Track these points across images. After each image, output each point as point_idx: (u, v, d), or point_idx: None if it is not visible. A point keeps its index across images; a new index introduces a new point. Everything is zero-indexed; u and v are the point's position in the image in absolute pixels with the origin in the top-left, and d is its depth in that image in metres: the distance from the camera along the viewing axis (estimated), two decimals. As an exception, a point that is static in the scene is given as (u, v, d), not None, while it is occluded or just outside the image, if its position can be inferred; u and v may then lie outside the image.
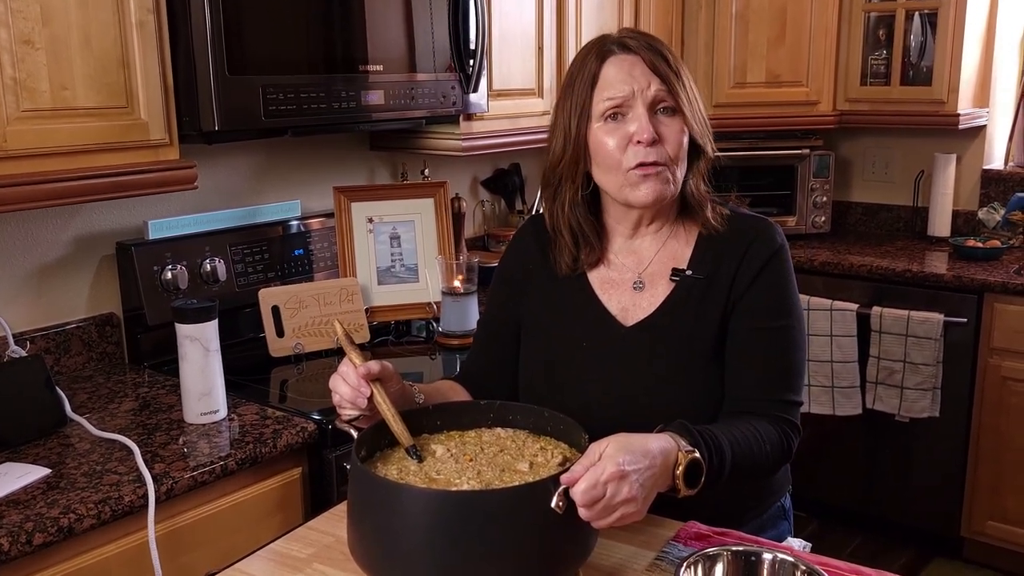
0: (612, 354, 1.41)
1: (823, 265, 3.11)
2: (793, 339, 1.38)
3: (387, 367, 1.26)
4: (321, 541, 1.28)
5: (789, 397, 1.37)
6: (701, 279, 1.39)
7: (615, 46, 1.38)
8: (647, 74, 1.35)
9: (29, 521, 1.35)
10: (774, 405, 1.35)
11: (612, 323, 1.42)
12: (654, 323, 1.40)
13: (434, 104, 2.22)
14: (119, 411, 1.80)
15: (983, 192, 3.40)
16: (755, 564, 1.11)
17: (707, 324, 1.38)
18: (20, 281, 1.96)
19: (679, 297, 1.40)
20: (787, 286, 1.40)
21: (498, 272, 1.58)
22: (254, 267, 2.26)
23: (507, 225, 3.09)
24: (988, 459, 2.91)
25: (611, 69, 1.36)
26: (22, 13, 1.53)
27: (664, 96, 1.35)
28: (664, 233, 1.45)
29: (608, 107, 1.35)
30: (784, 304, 1.39)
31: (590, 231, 1.44)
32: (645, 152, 1.33)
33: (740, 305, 1.38)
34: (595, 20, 2.81)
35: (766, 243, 1.39)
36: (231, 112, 1.80)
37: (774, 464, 1.35)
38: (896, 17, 3.21)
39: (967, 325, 2.86)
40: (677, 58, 1.39)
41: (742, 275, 1.38)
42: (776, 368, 1.37)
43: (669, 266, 1.43)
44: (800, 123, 3.36)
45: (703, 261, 1.41)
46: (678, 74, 1.37)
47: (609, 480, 1.05)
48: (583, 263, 1.45)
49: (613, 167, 1.36)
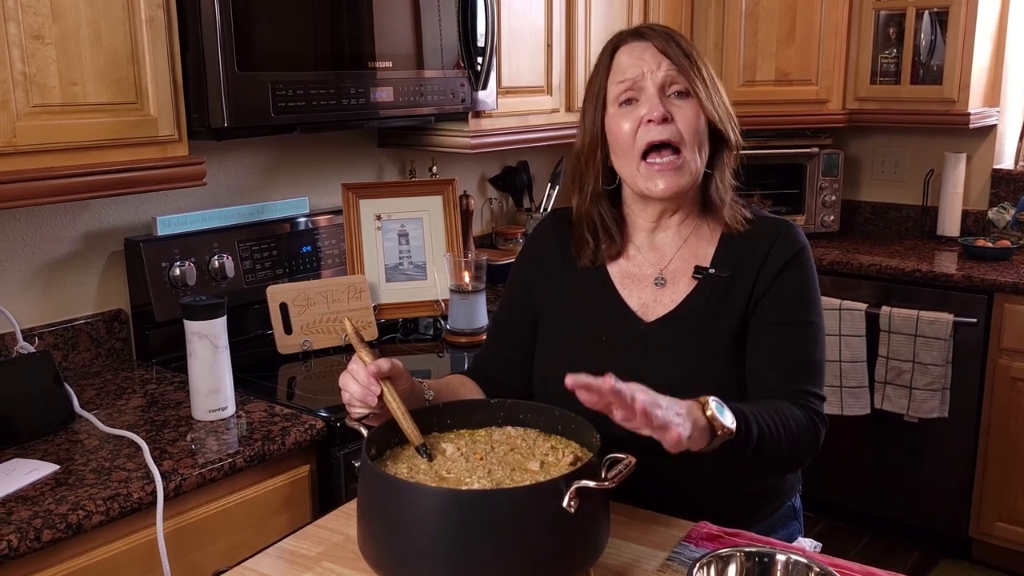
0: (632, 349, 1.40)
1: (832, 264, 3.10)
2: (815, 335, 1.38)
3: (397, 365, 1.25)
4: (330, 539, 1.27)
5: (812, 389, 1.36)
6: (724, 278, 1.39)
7: (629, 35, 1.41)
8: (657, 57, 1.36)
9: (38, 518, 1.35)
10: (798, 395, 1.33)
11: (632, 318, 1.41)
12: (675, 320, 1.40)
13: (443, 101, 2.21)
14: (127, 407, 1.80)
15: (993, 192, 3.39)
16: (768, 565, 1.10)
17: (729, 323, 1.38)
18: (29, 277, 1.96)
19: (701, 295, 1.40)
20: (809, 284, 1.41)
21: (517, 264, 1.58)
22: (262, 264, 2.25)
23: (515, 223, 3.08)
24: (997, 460, 2.90)
25: (623, 56, 1.39)
26: (32, 8, 1.53)
27: (675, 78, 1.36)
28: (686, 229, 1.45)
29: (620, 90, 1.37)
30: (805, 300, 1.39)
31: (611, 223, 1.45)
32: (656, 131, 1.34)
33: (763, 301, 1.38)
34: (604, 17, 2.80)
35: (788, 243, 1.40)
36: (240, 108, 1.80)
37: (803, 444, 1.30)
38: (906, 15, 3.19)
39: (977, 325, 2.85)
40: (692, 45, 1.40)
41: (764, 274, 1.38)
42: (798, 363, 1.36)
43: (691, 263, 1.42)
44: (809, 122, 3.35)
45: (726, 260, 1.41)
46: (691, 58, 1.37)
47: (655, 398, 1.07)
48: (603, 255, 1.45)
49: (627, 151, 1.37)
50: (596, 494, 1.07)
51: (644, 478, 1.18)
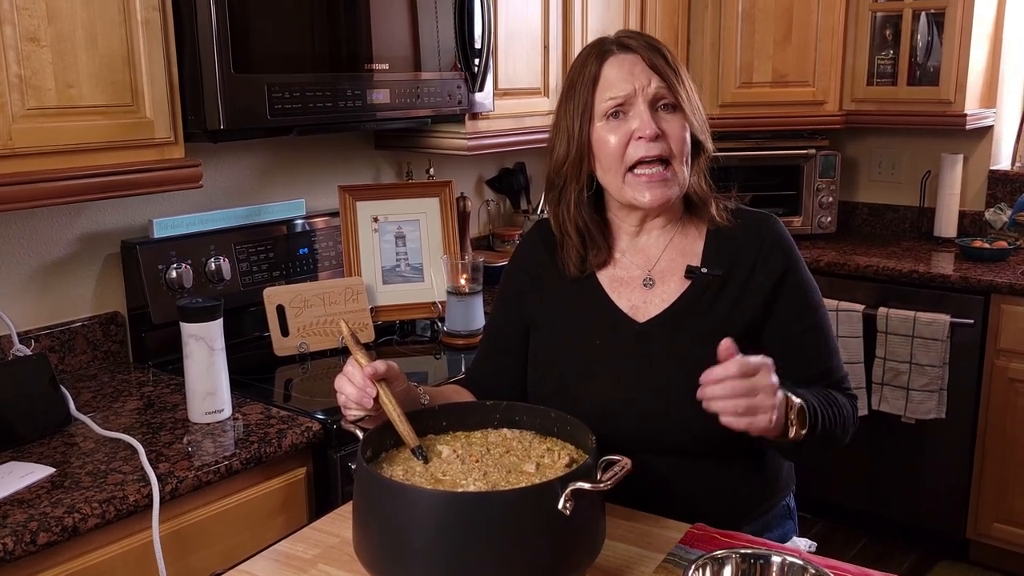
0: (626, 350, 1.40)
1: (829, 266, 3.10)
2: (826, 326, 1.44)
3: (393, 367, 1.25)
4: (326, 542, 1.27)
5: (841, 375, 1.45)
6: (718, 276, 1.40)
7: (614, 46, 1.40)
8: (647, 72, 1.37)
9: (33, 521, 1.35)
10: (834, 386, 1.42)
11: (624, 320, 1.42)
12: (669, 319, 1.40)
13: (439, 103, 2.21)
14: (124, 410, 1.80)
15: (990, 193, 3.39)
16: (764, 567, 1.10)
17: (724, 320, 1.38)
18: (25, 280, 1.96)
19: (695, 294, 1.40)
20: (808, 280, 1.44)
21: (505, 276, 1.58)
22: (259, 266, 2.25)
23: (512, 225, 3.08)
24: (994, 461, 2.90)
25: (611, 69, 1.38)
26: (28, 11, 1.53)
27: (664, 93, 1.37)
28: (670, 230, 1.46)
29: (610, 106, 1.37)
30: (811, 298, 1.43)
31: (596, 230, 1.45)
32: (647, 147, 1.35)
33: (775, 313, 1.40)
34: (601, 19, 2.80)
35: (779, 242, 1.42)
36: (236, 111, 1.80)
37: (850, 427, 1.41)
38: (903, 17, 3.20)
39: (974, 326, 2.85)
40: (675, 56, 1.42)
41: (759, 274, 1.40)
42: (825, 358, 1.44)
43: (679, 262, 1.43)
44: (806, 123, 3.35)
45: (717, 258, 1.42)
46: (677, 72, 1.39)
47: (758, 368, 1.15)
48: (591, 264, 1.45)
49: (614, 165, 1.38)
50: (592, 496, 1.07)
51: (640, 479, 1.18)
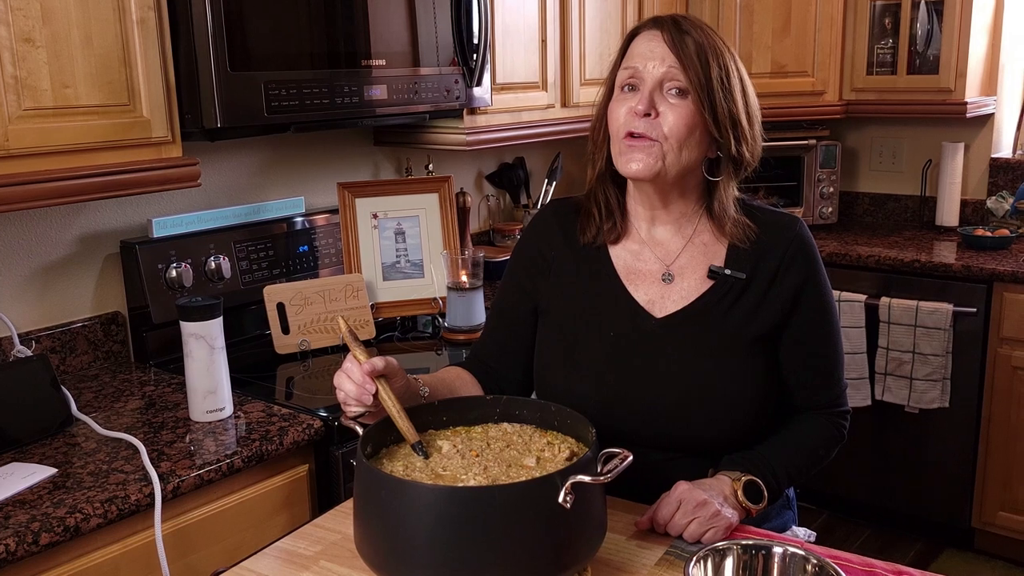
0: (642, 344, 1.39)
1: (831, 256, 3.10)
2: (837, 333, 1.45)
3: (392, 363, 1.25)
4: (328, 538, 1.27)
5: (838, 390, 1.47)
6: (741, 279, 1.39)
7: (650, 22, 1.39)
8: (664, 51, 1.33)
9: (35, 521, 1.35)
10: (828, 405, 1.46)
11: (641, 313, 1.40)
12: (689, 317, 1.38)
13: (437, 98, 2.21)
14: (125, 410, 1.80)
15: (991, 181, 3.38)
16: (766, 558, 1.10)
17: (745, 322, 1.37)
18: (25, 281, 1.96)
19: (717, 294, 1.39)
20: (826, 286, 1.44)
21: (516, 253, 1.56)
22: (259, 264, 2.25)
23: (512, 219, 3.08)
24: (998, 449, 2.90)
25: (638, 43, 1.38)
26: (22, 11, 1.52)
27: (676, 75, 1.32)
28: (687, 226, 1.43)
29: (625, 77, 1.37)
30: (826, 303, 1.43)
31: (615, 204, 1.46)
32: (635, 122, 1.33)
33: (792, 320, 1.40)
34: (599, 12, 2.79)
35: (803, 249, 1.41)
36: (233, 109, 1.80)
37: (829, 454, 1.46)
38: (902, 5, 3.18)
39: (976, 315, 2.84)
40: (716, 46, 1.34)
41: (783, 280, 1.39)
42: (826, 373, 1.44)
43: (701, 260, 1.41)
44: (806, 114, 3.34)
45: (741, 259, 1.40)
46: (703, 58, 1.32)
47: (697, 504, 1.24)
48: (604, 236, 1.45)
49: (614, 136, 1.38)
50: (592, 489, 1.07)
51: (640, 472, 1.18)
